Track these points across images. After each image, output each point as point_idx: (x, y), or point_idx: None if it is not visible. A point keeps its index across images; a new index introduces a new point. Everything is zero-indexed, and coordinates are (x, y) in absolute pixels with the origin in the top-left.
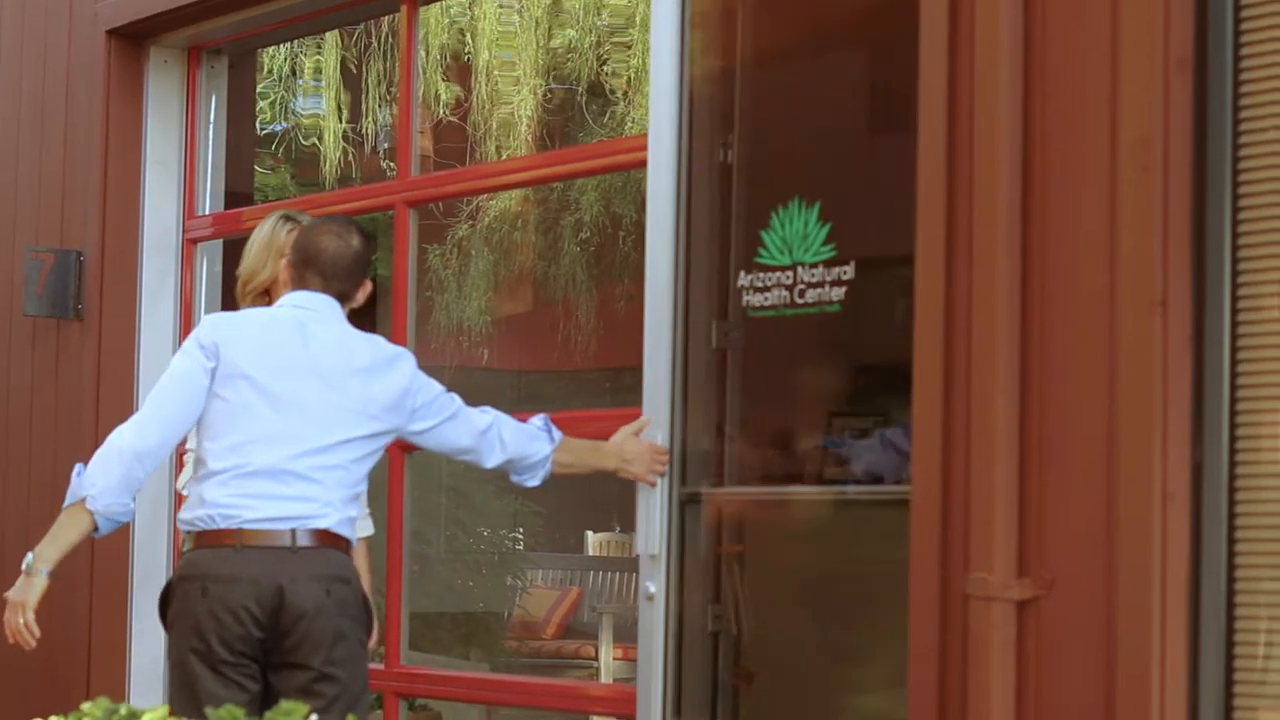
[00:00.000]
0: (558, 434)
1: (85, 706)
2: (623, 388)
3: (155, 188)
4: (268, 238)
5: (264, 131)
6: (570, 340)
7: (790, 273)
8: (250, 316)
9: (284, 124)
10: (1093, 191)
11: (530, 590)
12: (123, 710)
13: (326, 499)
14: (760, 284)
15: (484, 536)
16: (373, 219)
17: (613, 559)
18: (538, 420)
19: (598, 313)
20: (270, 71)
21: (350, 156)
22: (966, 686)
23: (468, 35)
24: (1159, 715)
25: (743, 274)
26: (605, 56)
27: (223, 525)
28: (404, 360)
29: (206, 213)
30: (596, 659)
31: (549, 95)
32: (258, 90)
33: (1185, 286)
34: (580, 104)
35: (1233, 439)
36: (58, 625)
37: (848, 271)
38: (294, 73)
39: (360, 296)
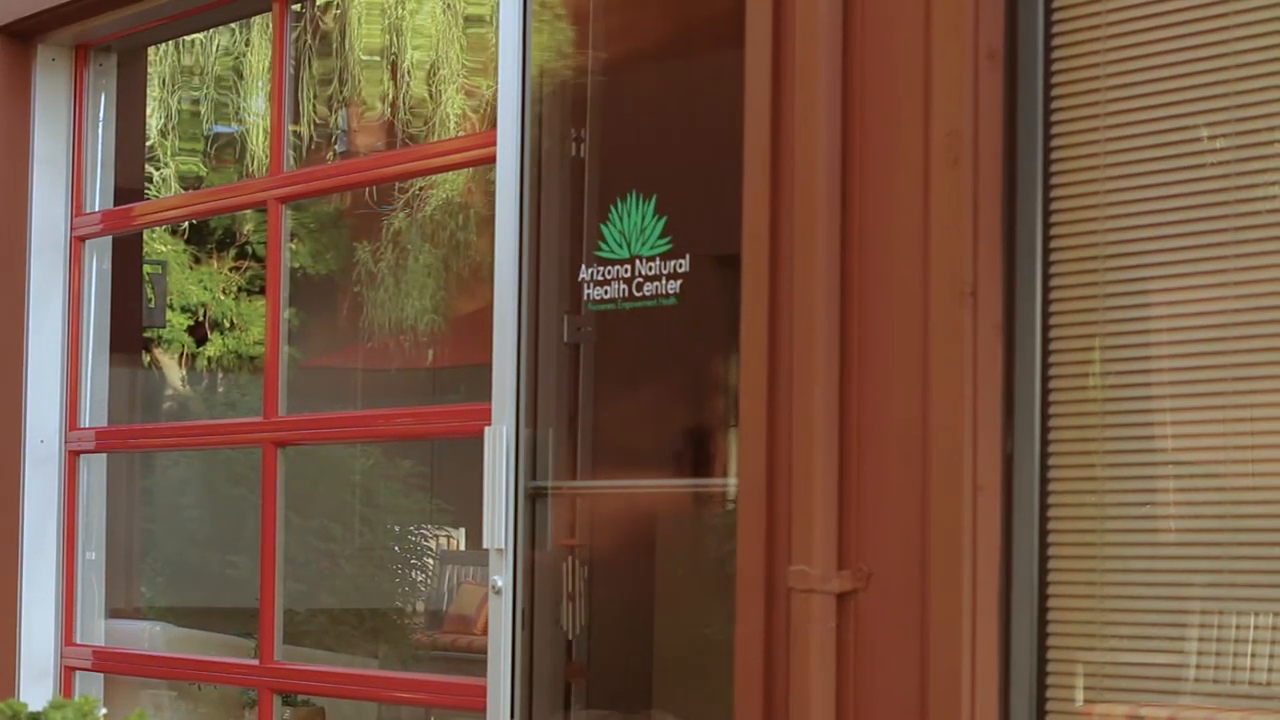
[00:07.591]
0: None
1: None
2: None
3: (43, 185)
4: None
5: (210, 133)
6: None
7: (628, 266)
8: None
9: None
10: (907, 183)
11: (464, 584)
12: None
13: None
14: (600, 277)
15: (394, 534)
16: None
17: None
18: None
19: None
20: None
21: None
22: (790, 678)
23: (392, 34)
24: (970, 705)
25: (584, 267)
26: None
27: None
28: None
29: (95, 210)
30: None
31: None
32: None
33: (995, 276)
34: None
35: (1044, 430)
36: None
37: (683, 264)
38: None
39: None
